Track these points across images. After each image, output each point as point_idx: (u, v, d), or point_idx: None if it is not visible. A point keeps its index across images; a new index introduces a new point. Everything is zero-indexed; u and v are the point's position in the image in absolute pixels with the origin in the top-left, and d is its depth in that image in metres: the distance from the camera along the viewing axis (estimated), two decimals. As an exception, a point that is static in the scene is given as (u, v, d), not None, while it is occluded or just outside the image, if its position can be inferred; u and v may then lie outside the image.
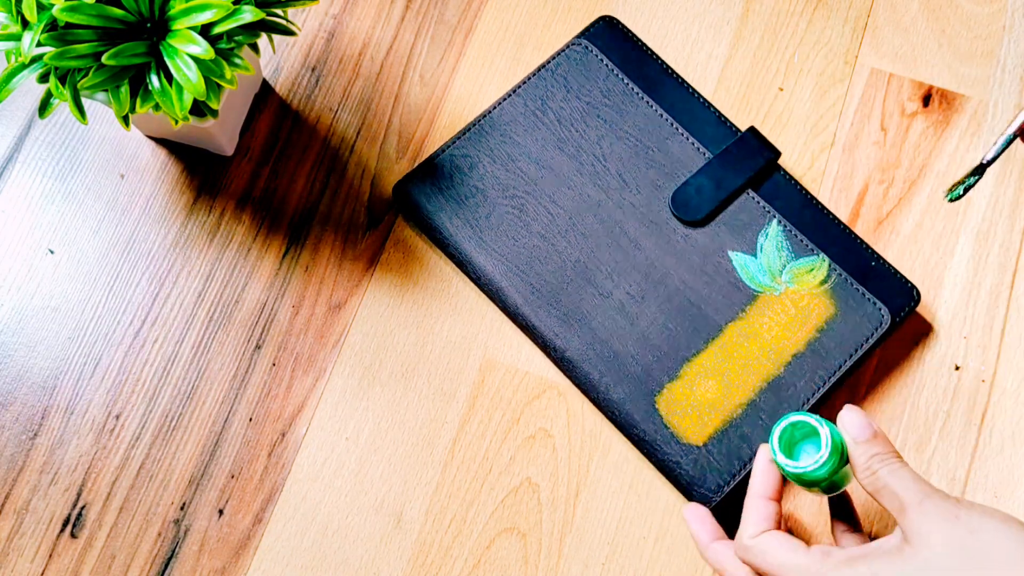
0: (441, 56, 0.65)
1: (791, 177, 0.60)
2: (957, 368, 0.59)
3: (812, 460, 0.46)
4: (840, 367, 0.56)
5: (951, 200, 0.55)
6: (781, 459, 0.47)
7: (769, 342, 0.57)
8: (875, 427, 0.47)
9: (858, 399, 0.58)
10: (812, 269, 0.58)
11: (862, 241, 0.59)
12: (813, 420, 0.47)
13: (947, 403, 0.58)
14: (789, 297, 0.58)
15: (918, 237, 0.61)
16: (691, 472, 0.55)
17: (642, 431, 0.55)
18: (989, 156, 0.54)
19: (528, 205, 0.60)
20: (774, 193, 0.60)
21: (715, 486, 0.54)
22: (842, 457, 0.47)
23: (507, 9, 0.66)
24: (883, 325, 0.57)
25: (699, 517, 0.52)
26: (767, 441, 0.47)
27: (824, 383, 0.56)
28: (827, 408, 0.58)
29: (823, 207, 0.60)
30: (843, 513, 0.51)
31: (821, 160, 0.63)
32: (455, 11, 0.66)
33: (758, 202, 0.59)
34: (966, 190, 0.57)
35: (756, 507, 0.48)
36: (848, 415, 0.47)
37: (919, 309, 0.60)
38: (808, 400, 0.56)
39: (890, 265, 0.58)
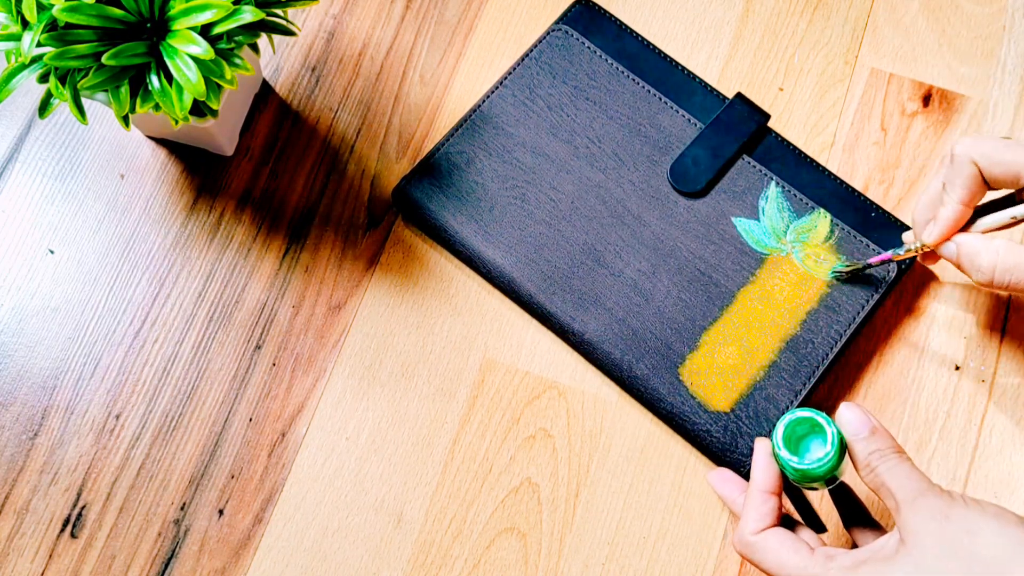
0: (441, 56, 0.65)
1: (783, 139, 0.61)
2: (957, 368, 0.59)
3: (817, 456, 0.46)
4: (854, 319, 0.57)
5: (832, 276, 0.58)
6: (785, 455, 0.47)
7: (782, 302, 0.57)
8: (874, 422, 0.46)
9: (856, 398, 0.58)
10: (815, 226, 0.58)
11: (859, 193, 0.59)
12: (818, 416, 0.47)
13: (947, 403, 0.58)
14: (797, 255, 0.58)
15: (918, 237, 0.61)
16: (722, 439, 0.55)
17: (669, 404, 0.56)
18: (864, 261, 0.56)
19: (529, 194, 0.60)
20: (768, 156, 0.61)
21: (747, 450, 0.55)
22: (843, 452, 0.47)
23: (506, 9, 0.66)
24: (890, 274, 0.57)
25: (723, 478, 0.53)
26: (775, 425, 0.47)
27: (841, 336, 0.57)
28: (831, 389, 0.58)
29: (818, 164, 0.60)
30: (850, 507, 0.50)
31: (821, 160, 0.62)
32: (455, 11, 0.66)
33: (754, 166, 0.60)
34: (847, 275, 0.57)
35: (757, 502, 0.47)
36: (847, 412, 0.47)
37: (917, 301, 0.60)
38: (827, 355, 0.56)
39: (889, 214, 0.59)
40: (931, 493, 0.43)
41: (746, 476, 0.55)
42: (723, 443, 0.55)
